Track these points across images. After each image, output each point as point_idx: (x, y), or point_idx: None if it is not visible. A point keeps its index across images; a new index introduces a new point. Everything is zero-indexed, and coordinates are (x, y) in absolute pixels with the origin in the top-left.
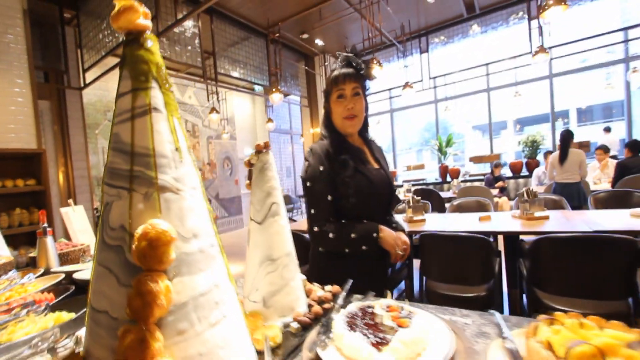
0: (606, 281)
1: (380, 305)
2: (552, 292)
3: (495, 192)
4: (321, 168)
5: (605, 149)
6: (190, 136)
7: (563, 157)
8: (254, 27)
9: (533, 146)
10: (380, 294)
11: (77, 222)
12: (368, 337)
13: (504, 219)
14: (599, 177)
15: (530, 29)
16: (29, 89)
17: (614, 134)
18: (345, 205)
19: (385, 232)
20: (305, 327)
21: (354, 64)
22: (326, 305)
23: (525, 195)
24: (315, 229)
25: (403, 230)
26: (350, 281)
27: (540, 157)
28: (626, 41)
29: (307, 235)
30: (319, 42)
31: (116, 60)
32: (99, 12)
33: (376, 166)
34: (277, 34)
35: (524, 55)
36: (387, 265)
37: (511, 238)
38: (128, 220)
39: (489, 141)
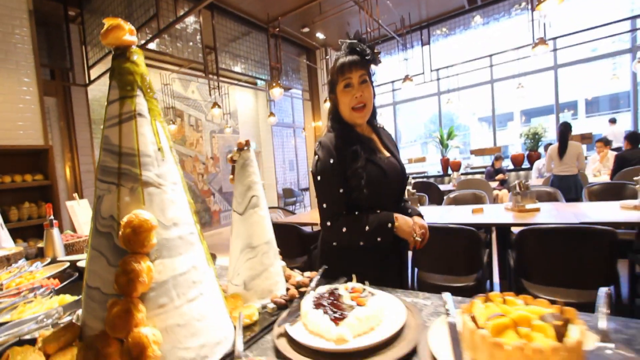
0: (588, 271)
1: (345, 288)
2: (536, 281)
3: (495, 184)
4: (331, 161)
5: (605, 141)
6: (193, 130)
7: (562, 150)
8: (254, 21)
9: (535, 138)
10: (398, 286)
11: (82, 214)
12: (329, 314)
13: (497, 212)
14: (598, 169)
15: (532, 20)
16: (35, 87)
17: (619, 126)
18: (358, 197)
19: (400, 220)
20: (281, 308)
21: (359, 50)
22: (302, 289)
23: (517, 187)
24: (328, 223)
25: (420, 215)
26: (325, 267)
27: (541, 149)
28: (633, 30)
29: (305, 229)
30: (320, 35)
31: None
32: (103, 10)
33: (387, 154)
34: (277, 29)
35: (526, 47)
36: (403, 256)
37: (503, 230)
38: (116, 210)
39: (491, 132)
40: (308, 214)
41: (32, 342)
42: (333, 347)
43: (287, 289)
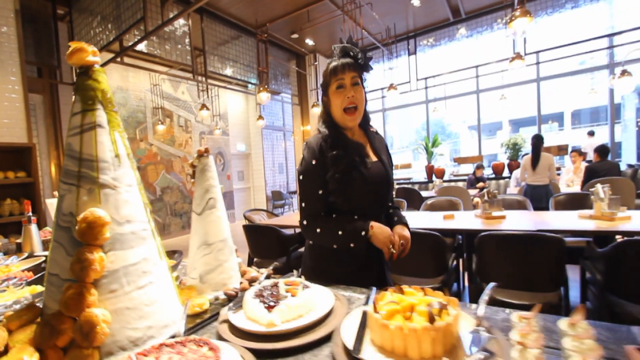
0: (540, 275)
1: (285, 282)
2: None
3: (475, 192)
4: (313, 162)
5: (579, 152)
6: (182, 131)
7: (535, 161)
8: (243, 26)
9: (514, 148)
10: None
11: None
12: (264, 303)
13: (467, 218)
14: (572, 179)
15: (514, 34)
16: (20, 85)
17: (597, 138)
18: (336, 200)
19: (376, 229)
20: (232, 299)
21: (352, 54)
22: (254, 283)
23: (485, 196)
24: (305, 222)
25: (404, 224)
26: (276, 263)
27: (521, 159)
28: (610, 47)
29: (285, 231)
30: (309, 41)
31: (110, 55)
32: (92, 9)
33: (375, 159)
34: (265, 35)
35: (506, 60)
36: (381, 262)
37: (470, 235)
38: (75, 208)
39: (483, 141)
40: (290, 217)
41: None
42: (263, 329)
43: (241, 283)
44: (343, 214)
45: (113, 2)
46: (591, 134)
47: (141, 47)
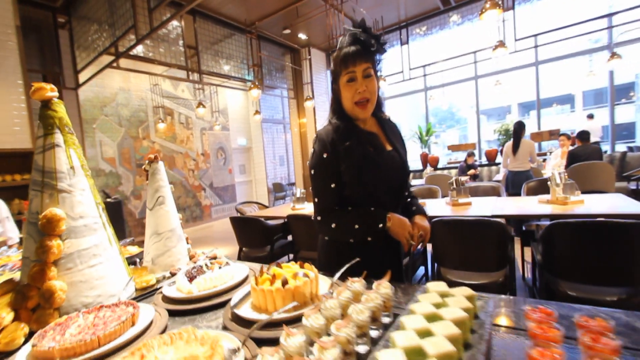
0: (486, 256)
1: (211, 261)
2: (447, 266)
3: (466, 178)
4: (324, 155)
5: (568, 136)
6: (183, 128)
7: (516, 147)
8: (236, 24)
9: (507, 134)
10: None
11: None
12: (188, 277)
13: (437, 205)
14: (559, 164)
15: (504, 20)
16: (24, 95)
17: (596, 121)
18: (351, 194)
19: (394, 220)
20: (192, 277)
21: (364, 41)
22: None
23: (454, 184)
24: (319, 218)
25: (423, 214)
26: (214, 250)
27: None
28: (609, 28)
29: (269, 222)
30: (302, 36)
31: (110, 58)
32: (90, 17)
33: (389, 148)
34: (254, 33)
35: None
36: (399, 254)
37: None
38: (40, 208)
39: (491, 126)
40: (276, 209)
41: None
42: (183, 296)
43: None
44: (359, 207)
45: (108, 10)
46: (590, 116)
47: (138, 49)
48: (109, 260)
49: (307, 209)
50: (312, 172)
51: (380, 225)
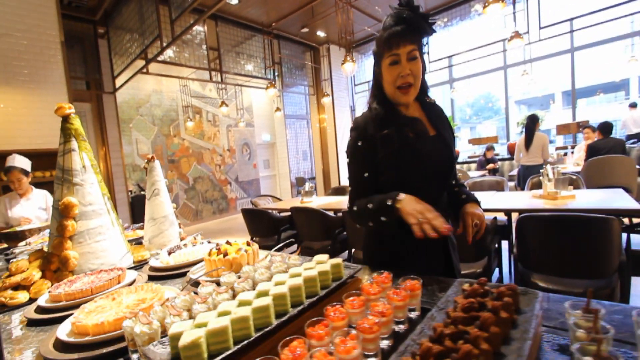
0: (466, 247)
1: (190, 240)
2: None
3: (483, 173)
4: (359, 143)
5: (593, 129)
6: (211, 125)
7: (528, 142)
8: (256, 26)
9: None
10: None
11: None
12: (169, 252)
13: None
14: (582, 157)
15: (528, 9)
16: (69, 102)
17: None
18: (387, 180)
19: (406, 200)
20: (171, 252)
21: (410, 20)
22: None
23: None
24: (349, 206)
25: (476, 201)
26: (200, 233)
27: None
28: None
29: (277, 214)
30: (320, 33)
31: (142, 63)
32: (124, 27)
33: (433, 133)
34: (271, 35)
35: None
36: (446, 246)
37: None
38: (60, 197)
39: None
40: (288, 202)
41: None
42: (162, 265)
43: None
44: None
45: (138, 21)
46: (633, 105)
47: (166, 54)
48: (111, 238)
49: (315, 202)
50: (348, 160)
51: (389, 202)
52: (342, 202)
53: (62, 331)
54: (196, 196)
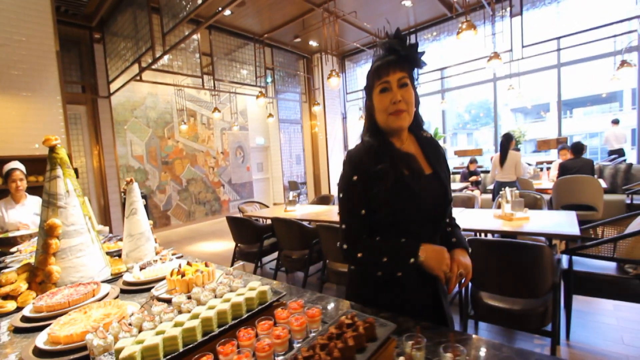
0: None
1: (161, 259)
2: None
3: (466, 184)
4: (354, 178)
5: (568, 149)
6: (205, 128)
7: (503, 159)
8: (249, 35)
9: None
10: (441, 323)
11: None
12: (141, 268)
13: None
14: (555, 176)
15: (512, 28)
16: (62, 109)
17: (622, 127)
18: (380, 220)
19: (429, 252)
20: (143, 268)
21: (399, 50)
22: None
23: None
24: (345, 247)
25: (465, 248)
26: (172, 248)
27: (522, 151)
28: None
29: (259, 222)
30: (313, 43)
31: (137, 69)
32: (119, 33)
33: (428, 172)
34: (264, 44)
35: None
36: (435, 288)
37: None
38: (46, 218)
39: (527, 124)
40: (273, 209)
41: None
42: (133, 280)
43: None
44: (389, 236)
45: (133, 30)
46: (615, 122)
47: (161, 61)
48: (90, 254)
49: (298, 211)
50: (341, 195)
51: (412, 261)
52: (324, 212)
53: (40, 340)
54: (189, 197)
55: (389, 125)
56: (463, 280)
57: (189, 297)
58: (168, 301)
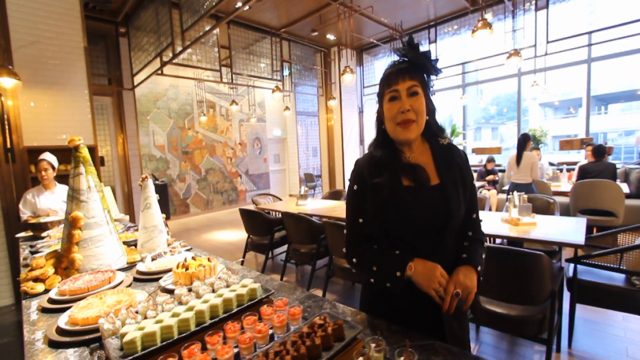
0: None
1: (171, 250)
2: None
3: (483, 183)
4: (355, 187)
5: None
6: (224, 119)
7: (519, 159)
8: (266, 29)
9: (534, 140)
10: (439, 338)
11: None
12: (153, 259)
13: None
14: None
15: (536, 22)
16: (89, 102)
17: None
18: (375, 231)
19: (418, 268)
20: (155, 258)
21: (410, 58)
22: (174, 249)
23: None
24: (344, 250)
25: (474, 267)
26: (181, 242)
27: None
28: None
29: (271, 215)
30: (330, 36)
31: (159, 62)
32: (143, 27)
33: (435, 182)
34: (281, 38)
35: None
36: (435, 303)
37: None
38: (70, 211)
39: (557, 120)
40: (285, 203)
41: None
42: (146, 270)
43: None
44: (384, 246)
45: (155, 26)
46: None
47: (184, 55)
48: (108, 244)
49: (309, 205)
50: (346, 202)
51: (398, 274)
52: (334, 208)
53: (62, 320)
54: (207, 187)
55: (396, 137)
56: (466, 300)
57: (190, 290)
58: (172, 292)
